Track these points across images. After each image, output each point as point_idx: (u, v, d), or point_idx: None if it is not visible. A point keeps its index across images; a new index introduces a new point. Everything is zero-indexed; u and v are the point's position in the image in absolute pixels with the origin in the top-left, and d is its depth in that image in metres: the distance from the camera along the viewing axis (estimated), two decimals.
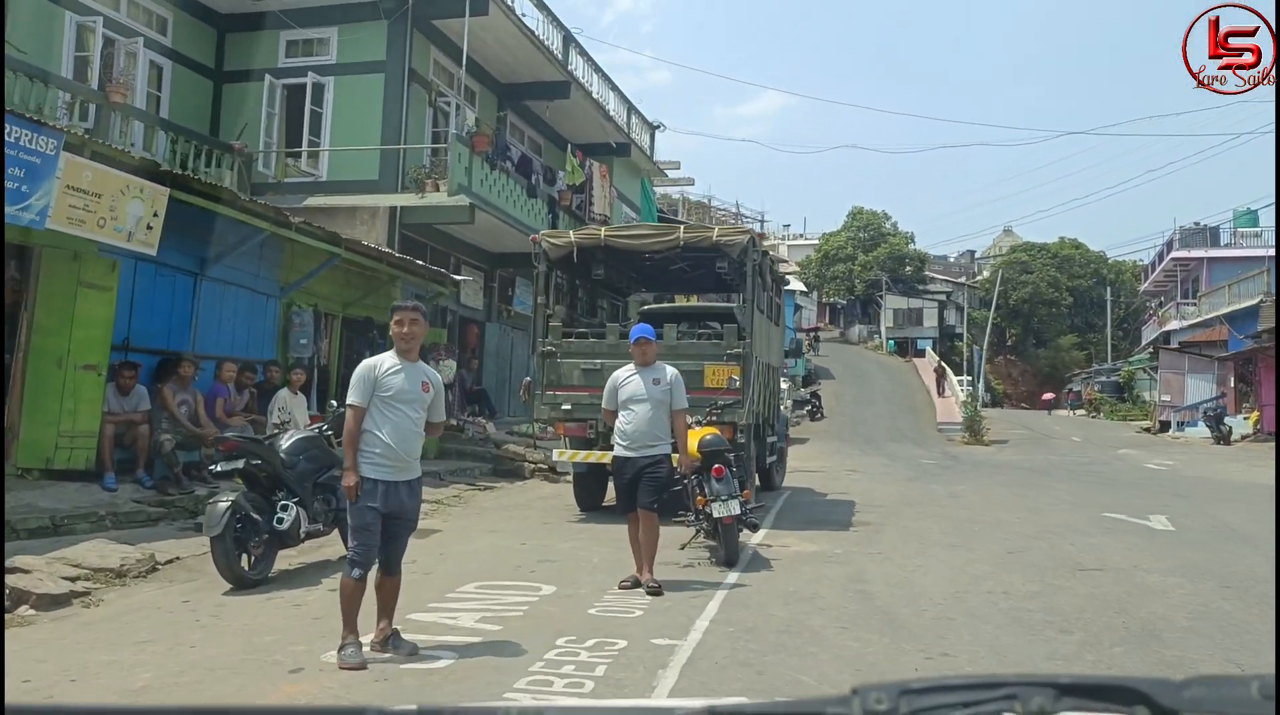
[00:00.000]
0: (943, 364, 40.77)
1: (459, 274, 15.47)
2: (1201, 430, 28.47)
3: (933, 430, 30.60)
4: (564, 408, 9.46)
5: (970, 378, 41.67)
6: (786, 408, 14.78)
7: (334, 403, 7.68)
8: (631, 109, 22.24)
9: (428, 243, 16.00)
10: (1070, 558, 7.86)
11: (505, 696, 4.04)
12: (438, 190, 14.62)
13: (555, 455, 9.66)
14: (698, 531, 7.53)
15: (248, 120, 15.25)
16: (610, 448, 6.80)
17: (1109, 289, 54.06)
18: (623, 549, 6.76)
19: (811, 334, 40.28)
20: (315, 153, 15.46)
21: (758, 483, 11.17)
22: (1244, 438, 25.76)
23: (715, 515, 6.98)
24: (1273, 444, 24.19)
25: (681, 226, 9.25)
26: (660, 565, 6.52)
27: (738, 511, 6.97)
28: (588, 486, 10.11)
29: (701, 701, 0.76)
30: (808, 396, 31.75)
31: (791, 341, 14.18)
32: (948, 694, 0.68)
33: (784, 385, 13.47)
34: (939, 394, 34.74)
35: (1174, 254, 40.62)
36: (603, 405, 6.64)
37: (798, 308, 42.24)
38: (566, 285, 11.07)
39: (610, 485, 10.82)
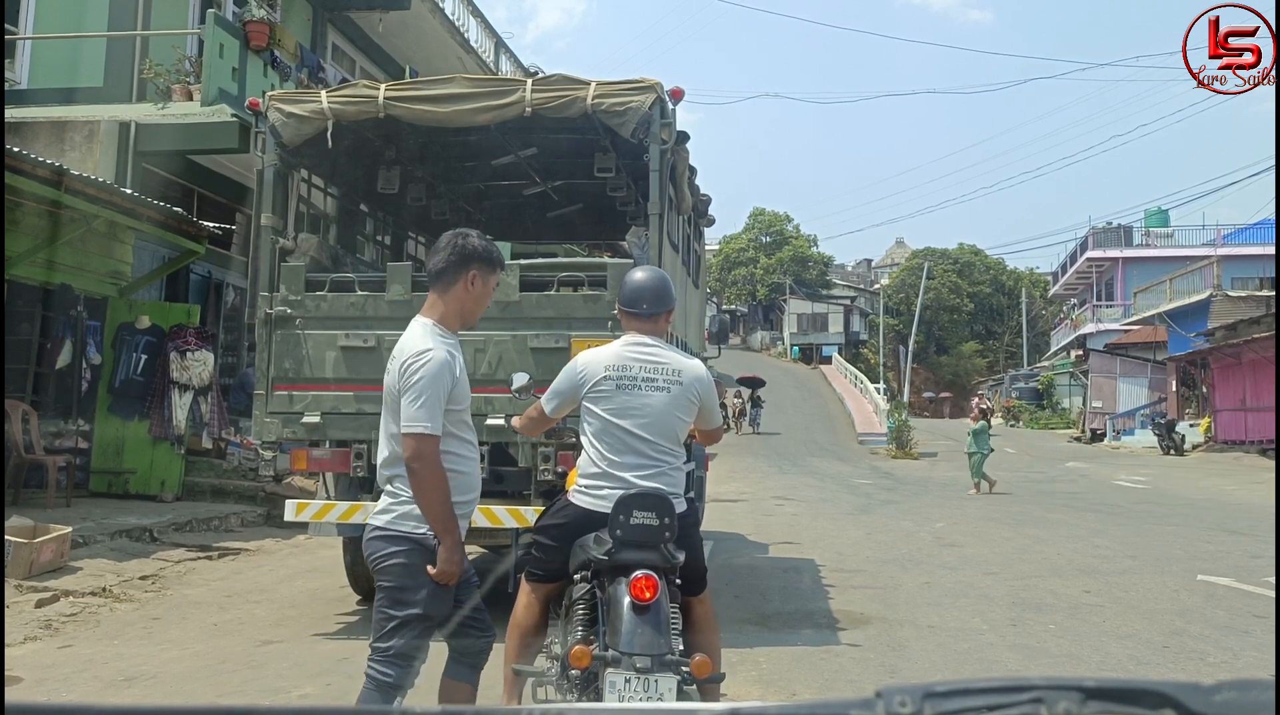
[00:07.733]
0: (863, 378, 37.28)
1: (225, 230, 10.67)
2: (1142, 438, 25.91)
3: (854, 442, 27.17)
4: (306, 421, 4.95)
5: (881, 386, 38.77)
6: None
7: None
8: (502, 46, 17.74)
9: (195, 187, 11.17)
10: None
11: None
12: (190, 99, 9.87)
13: (291, 512, 5.11)
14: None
15: None
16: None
17: (1023, 292, 52.56)
18: None
19: (727, 315, 31.86)
20: (11, 47, 10.45)
21: None
22: (1196, 447, 23.12)
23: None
24: (1230, 454, 21.80)
25: (529, 80, 4.92)
26: None
27: None
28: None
29: (725, 705, 0.70)
30: None
31: (714, 320, 9.81)
32: (973, 697, 0.63)
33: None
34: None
35: (1089, 254, 38.65)
36: (544, 401, 3.17)
37: None
38: (336, 211, 6.57)
39: None
